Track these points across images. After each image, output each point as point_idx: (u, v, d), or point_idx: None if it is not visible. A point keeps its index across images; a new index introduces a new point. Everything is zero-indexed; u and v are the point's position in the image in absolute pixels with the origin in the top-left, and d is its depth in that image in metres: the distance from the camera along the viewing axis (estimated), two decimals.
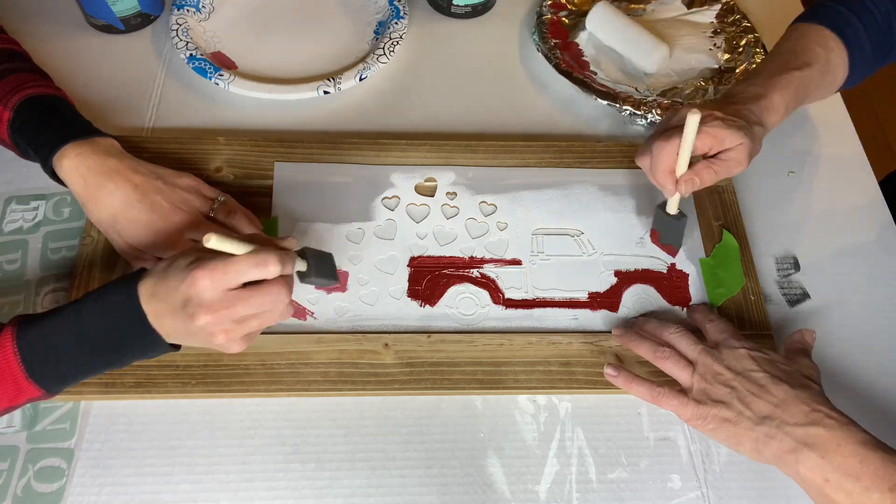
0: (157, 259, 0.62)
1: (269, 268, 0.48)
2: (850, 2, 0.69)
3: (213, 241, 0.46)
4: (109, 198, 0.59)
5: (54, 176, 0.61)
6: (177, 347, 0.52)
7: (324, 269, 0.54)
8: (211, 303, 0.48)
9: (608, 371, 0.60)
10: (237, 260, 0.48)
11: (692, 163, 0.61)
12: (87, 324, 0.50)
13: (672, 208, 0.65)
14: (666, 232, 0.67)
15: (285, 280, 0.50)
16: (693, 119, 0.57)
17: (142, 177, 0.60)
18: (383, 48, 0.81)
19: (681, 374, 0.58)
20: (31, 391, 0.50)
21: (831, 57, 0.67)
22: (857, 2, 0.68)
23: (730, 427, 0.54)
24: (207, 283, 0.47)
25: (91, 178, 0.59)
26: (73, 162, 0.59)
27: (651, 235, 0.69)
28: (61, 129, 0.60)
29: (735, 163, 0.61)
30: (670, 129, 0.61)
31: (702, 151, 0.61)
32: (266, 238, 0.53)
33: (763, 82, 0.65)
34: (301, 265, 0.53)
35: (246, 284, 0.49)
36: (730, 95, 0.65)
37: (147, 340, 0.50)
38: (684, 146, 0.59)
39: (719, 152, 0.61)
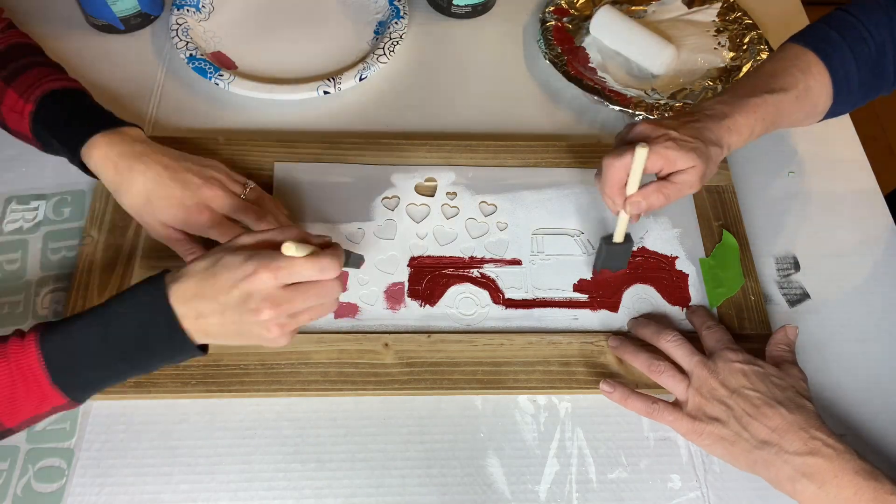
0: (194, 239, 0.62)
1: (329, 272, 0.50)
2: (844, 27, 0.65)
3: (292, 250, 0.49)
4: (141, 177, 0.59)
5: (82, 167, 0.61)
6: (204, 350, 0.52)
7: (356, 263, 0.57)
8: (273, 297, 0.49)
9: (604, 387, 0.60)
10: (299, 262, 0.49)
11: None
12: (113, 327, 0.49)
13: (619, 236, 0.64)
14: (615, 260, 0.66)
15: (339, 277, 0.52)
16: (640, 153, 0.57)
17: (171, 158, 0.61)
18: (383, 48, 0.81)
19: (676, 387, 0.59)
20: (56, 398, 0.49)
21: (811, 83, 0.64)
22: (851, 27, 0.65)
23: (726, 445, 0.55)
24: (271, 280, 0.48)
25: (122, 163, 0.60)
26: (104, 150, 0.60)
27: (594, 274, 0.68)
28: (89, 120, 0.61)
29: (686, 185, 0.60)
30: (623, 144, 0.61)
31: (653, 171, 0.61)
32: (316, 237, 0.53)
33: (732, 101, 0.63)
34: None
35: None
36: (696, 110, 0.63)
37: (175, 343, 0.50)
38: (633, 176, 0.59)
39: (671, 174, 0.61)
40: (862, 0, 0.67)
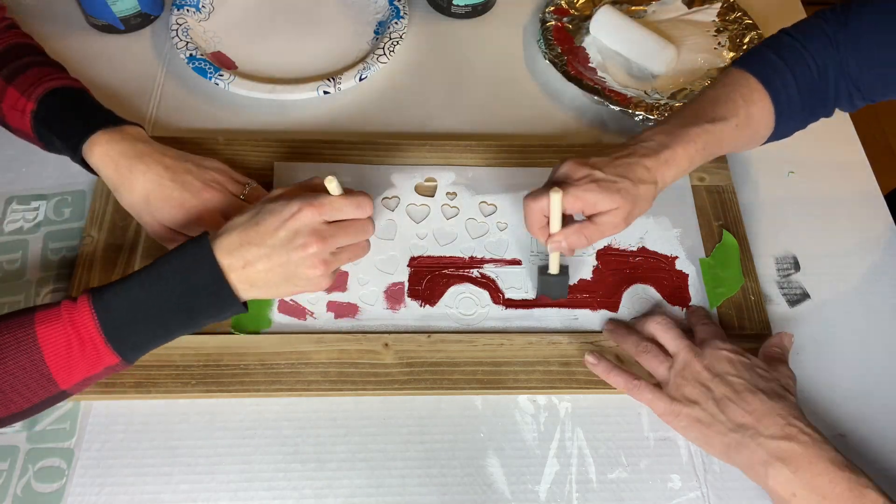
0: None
1: (366, 209, 0.55)
2: (786, 51, 0.64)
3: (333, 184, 0.53)
4: (142, 178, 0.60)
5: (84, 164, 0.62)
6: (245, 308, 0.54)
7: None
8: (319, 231, 0.52)
9: (589, 359, 0.60)
10: (338, 199, 0.53)
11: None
12: (161, 284, 0.51)
13: (553, 268, 0.64)
14: (552, 290, 0.66)
15: (370, 218, 0.56)
16: (554, 199, 0.57)
17: (171, 159, 0.62)
18: (383, 48, 0.81)
19: (658, 367, 0.59)
20: (110, 357, 0.51)
21: (753, 111, 0.62)
22: (793, 51, 0.63)
23: (702, 428, 0.55)
24: (315, 215, 0.52)
25: (122, 162, 0.60)
26: (105, 148, 0.60)
27: (538, 300, 0.67)
28: (90, 118, 0.62)
29: (609, 226, 0.60)
30: (548, 184, 0.60)
31: (574, 213, 0.60)
32: (349, 190, 0.57)
33: (671, 131, 0.61)
34: None
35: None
36: (634, 141, 0.62)
37: (221, 297, 0.52)
38: (552, 218, 0.59)
39: (594, 214, 0.60)
40: (803, 23, 0.66)
